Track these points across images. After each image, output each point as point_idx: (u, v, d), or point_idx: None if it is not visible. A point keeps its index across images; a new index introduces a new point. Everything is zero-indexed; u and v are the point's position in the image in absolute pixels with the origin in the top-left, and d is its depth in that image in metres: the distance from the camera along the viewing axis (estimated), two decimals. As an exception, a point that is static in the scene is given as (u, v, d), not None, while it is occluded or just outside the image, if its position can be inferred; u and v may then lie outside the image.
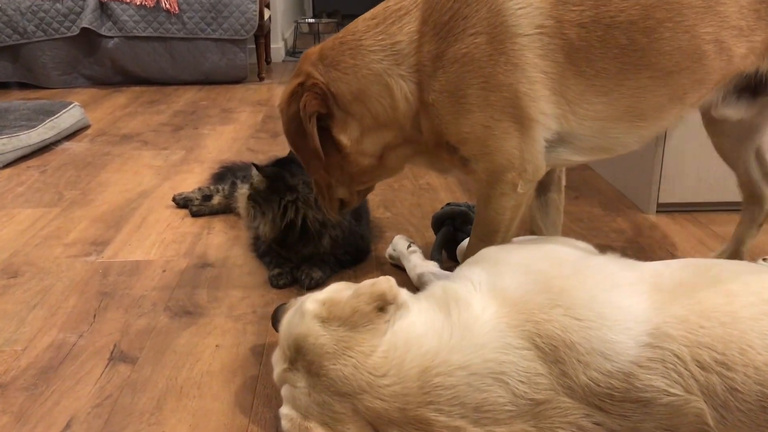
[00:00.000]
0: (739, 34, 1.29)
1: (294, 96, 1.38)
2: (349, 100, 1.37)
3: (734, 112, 1.49)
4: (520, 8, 1.25)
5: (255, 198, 1.80)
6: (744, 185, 1.73)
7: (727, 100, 1.44)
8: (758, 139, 1.66)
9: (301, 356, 1.09)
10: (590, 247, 1.32)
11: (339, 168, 1.47)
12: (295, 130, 1.40)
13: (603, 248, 1.30)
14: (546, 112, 1.30)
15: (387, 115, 1.37)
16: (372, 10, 1.38)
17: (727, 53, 1.30)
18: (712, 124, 1.70)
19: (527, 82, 1.27)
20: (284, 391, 1.13)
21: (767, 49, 1.34)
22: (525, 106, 1.28)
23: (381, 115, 1.37)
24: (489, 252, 1.29)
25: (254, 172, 1.77)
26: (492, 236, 1.42)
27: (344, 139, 1.40)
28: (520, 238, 1.51)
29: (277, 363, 1.16)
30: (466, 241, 1.59)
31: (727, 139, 1.70)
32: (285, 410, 1.11)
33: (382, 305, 1.10)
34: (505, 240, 1.44)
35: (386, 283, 1.11)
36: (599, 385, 1.01)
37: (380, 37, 1.34)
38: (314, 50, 1.43)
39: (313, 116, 1.36)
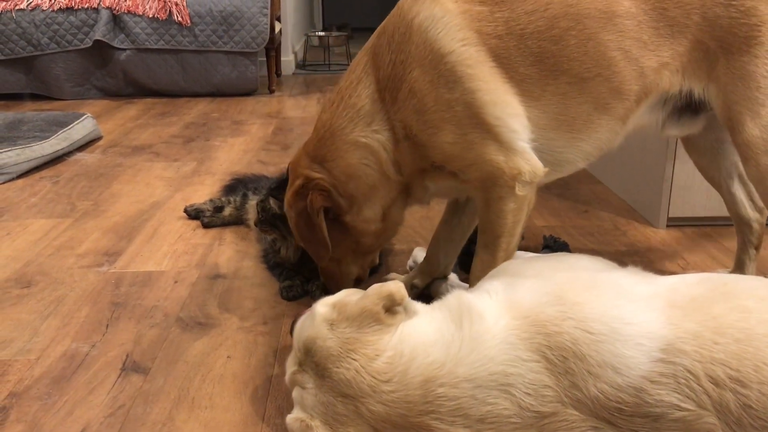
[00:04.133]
0: (643, 46, 1.40)
1: (299, 195, 1.51)
2: (344, 181, 1.49)
3: (680, 131, 1.58)
4: (439, 32, 1.38)
5: (273, 223, 1.78)
6: (730, 207, 1.75)
7: (668, 123, 1.53)
8: (732, 155, 1.67)
9: (309, 358, 1.13)
10: (610, 263, 1.32)
11: (350, 250, 1.60)
12: (304, 224, 1.52)
13: (614, 263, 1.30)
14: (500, 116, 1.37)
15: (375, 173, 1.48)
16: (329, 98, 1.51)
17: (636, 63, 1.40)
18: (686, 142, 1.75)
19: (470, 93, 1.36)
20: (294, 393, 1.17)
21: (684, 68, 1.43)
22: (480, 114, 1.37)
23: (371, 176, 1.49)
24: (508, 265, 1.32)
25: (272, 201, 1.76)
26: (496, 242, 1.45)
27: (351, 218, 1.53)
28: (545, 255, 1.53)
29: (290, 366, 1.20)
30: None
31: (703, 157, 1.73)
32: (294, 413, 1.15)
33: (390, 305, 1.13)
34: (510, 246, 1.46)
35: (394, 285, 1.14)
36: (609, 399, 1.01)
37: (345, 113, 1.47)
38: (300, 156, 1.55)
39: (320, 211, 1.48)
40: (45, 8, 4.41)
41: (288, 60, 5.80)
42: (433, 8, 1.38)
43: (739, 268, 1.77)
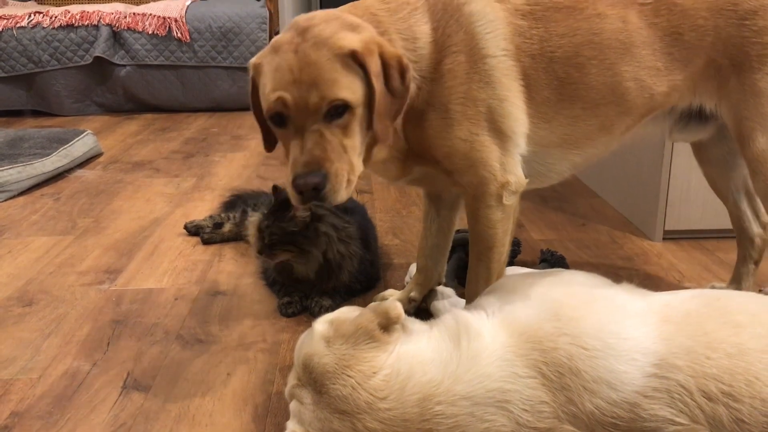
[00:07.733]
0: (657, 73, 1.43)
1: (371, 51, 1.24)
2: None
3: (687, 136, 1.62)
4: (487, 32, 1.37)
5: (291, 240, 1.75)
6: (735, 221, 1.77)
7: (675, 130, 1.57)
8: (743, 168, 1.69)
9: (307, 374, 1.14)
10: (605, 279, 1.34)
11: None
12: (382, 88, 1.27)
13: (610, 276, 1.32)
14: (515, 130, 1.40)
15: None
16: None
17: (648, 90, 1.44)
18: (698, 151, 1.76)
19: (497, 99, 1.37)
20: (292, 405, 1.18)
21: (695, 86, 1.47)
22: (498, 121, 1.38)
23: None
24: (505, 281, 1.33)
25: (299, 212, 1.71)
26: (488, 253, 1.47)
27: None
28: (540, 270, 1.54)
29: (290, 379, 1.21)
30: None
31: (714, 168, 1.75)
32: (291, 425, 1.16)
33: (386, 324, 1.14)
34: (502, 257, 1.48)
35: (391, 303, 1.15)
36: (604, 414, 1.02)
37: (401, 26, 1.34)
38: (338, 14, 1.30)
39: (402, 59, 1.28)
40: (45, 26, 4.44)
41: (287, 74, 5.82)
42: (485, 7, 1.37)
43: (737, 281, 1.79)
